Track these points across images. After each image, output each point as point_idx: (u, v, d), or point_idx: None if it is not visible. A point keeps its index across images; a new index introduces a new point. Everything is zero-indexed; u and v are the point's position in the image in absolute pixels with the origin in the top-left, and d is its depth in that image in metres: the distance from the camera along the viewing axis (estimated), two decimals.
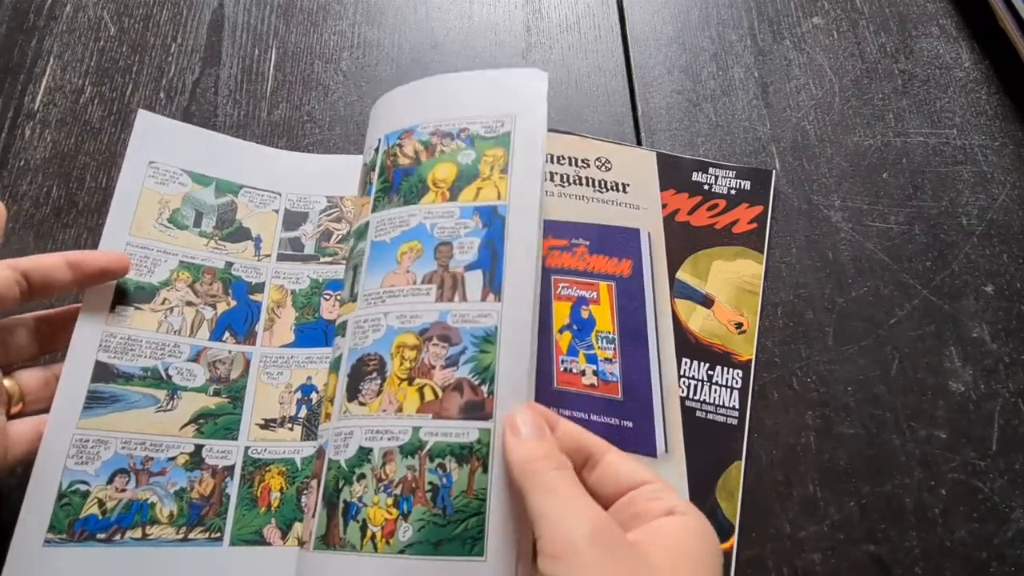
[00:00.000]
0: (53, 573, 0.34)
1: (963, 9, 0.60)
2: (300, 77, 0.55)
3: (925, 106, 0.56)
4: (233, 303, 0.43)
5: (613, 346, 0.45)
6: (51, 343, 0.39)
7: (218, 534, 0.38)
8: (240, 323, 0.43)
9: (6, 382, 0.36)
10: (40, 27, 0.54)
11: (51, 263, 0.36)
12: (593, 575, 0.26)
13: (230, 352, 0.42)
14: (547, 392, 0.43)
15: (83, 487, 0.36)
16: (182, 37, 0.55)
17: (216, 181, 0.46)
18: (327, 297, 0.45)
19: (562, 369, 0.43)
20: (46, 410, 0.37)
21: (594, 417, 0.43)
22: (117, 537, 0.36)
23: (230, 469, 0.40)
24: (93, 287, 0.39)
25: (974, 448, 0.45)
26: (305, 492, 0.39)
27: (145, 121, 0.45)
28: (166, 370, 0.40)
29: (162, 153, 0.45)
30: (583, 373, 0.44)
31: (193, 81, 0.53)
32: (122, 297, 0.40)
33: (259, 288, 0.44)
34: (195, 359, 0.41)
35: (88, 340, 0.39)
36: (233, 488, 0.39)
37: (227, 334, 0.42)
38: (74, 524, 0.35)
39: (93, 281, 0.39)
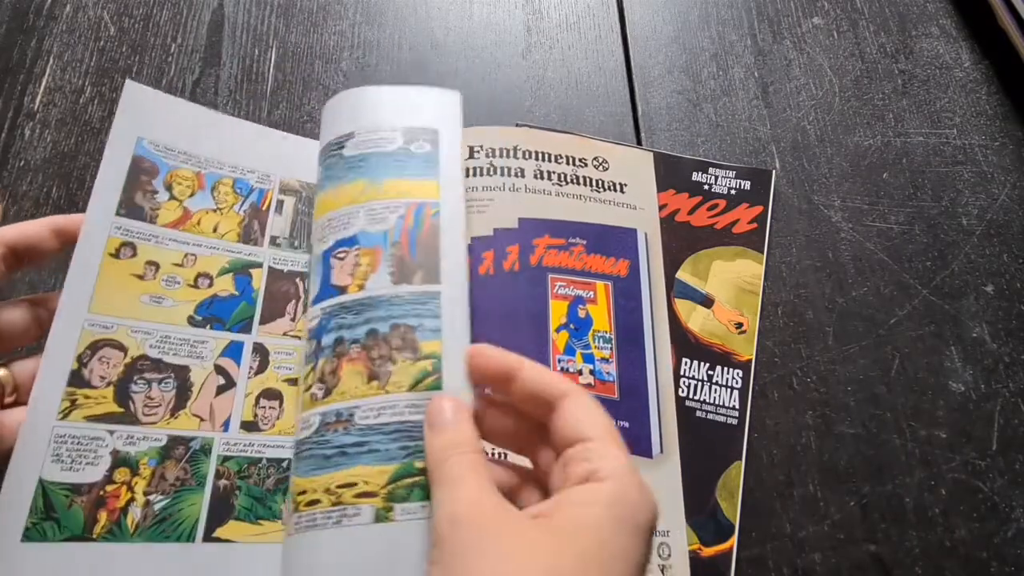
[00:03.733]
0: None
1: (963, 9, 0.60)
2: (300, 77, 0.55)
3: (925, 106, 0.56)
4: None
5: (610, 346, 0.45)
6: (48, 326, 0.38)
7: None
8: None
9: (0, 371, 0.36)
10: (40, 27, 0.54)
11: (35, 231, 0.36)
12: (459, 559, 0.25)
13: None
14: None
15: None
16: (182, 37, 0.55)
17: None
18: None
19: (559, 368, 0.43)
20: None
21: None
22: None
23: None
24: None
25: (974, 448, 0.45)
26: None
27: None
28: None
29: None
30: (580, 372, 0.44)
31: (193, 81, 0.53)
32: None
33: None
34: None
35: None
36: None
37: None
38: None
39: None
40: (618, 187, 0.50)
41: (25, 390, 0.37)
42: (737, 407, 0.45)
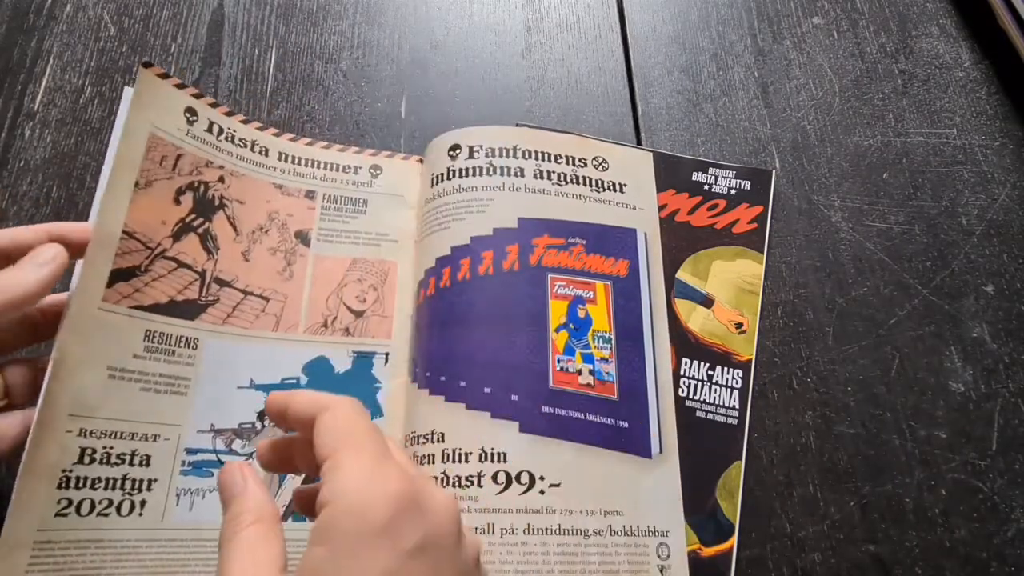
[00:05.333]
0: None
1: (963, 9, 0.60)
2: (300, 77, 0.55)
3: (925, 106, 0.56)
4: None
5: (609, 346, 0.45)
6: (43, 332, 0.38)
7: None
8: None
9: None
10: (40, 27, 0.54)
11: (29, 237, 0.35)
12: None
13: None
14: (543, 391, 0.43)
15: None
16: (182, 37, 0.55)
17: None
18: None
19: (558, 368, 0.43)
20: (32, 405, 0.35)
21: (590, 417, 0.42)
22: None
23: None
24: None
25: (974, 448, 0.45)
26: None
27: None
28: None
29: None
30: (579, 372, 0.44)
31: (193, 81, 0.53)
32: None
33: None
34: None
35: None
36: None
37: None
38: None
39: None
40: (618, 187, 0.50)
41: (17, 394, 0.36)
42: (737, 407, 0.45)
